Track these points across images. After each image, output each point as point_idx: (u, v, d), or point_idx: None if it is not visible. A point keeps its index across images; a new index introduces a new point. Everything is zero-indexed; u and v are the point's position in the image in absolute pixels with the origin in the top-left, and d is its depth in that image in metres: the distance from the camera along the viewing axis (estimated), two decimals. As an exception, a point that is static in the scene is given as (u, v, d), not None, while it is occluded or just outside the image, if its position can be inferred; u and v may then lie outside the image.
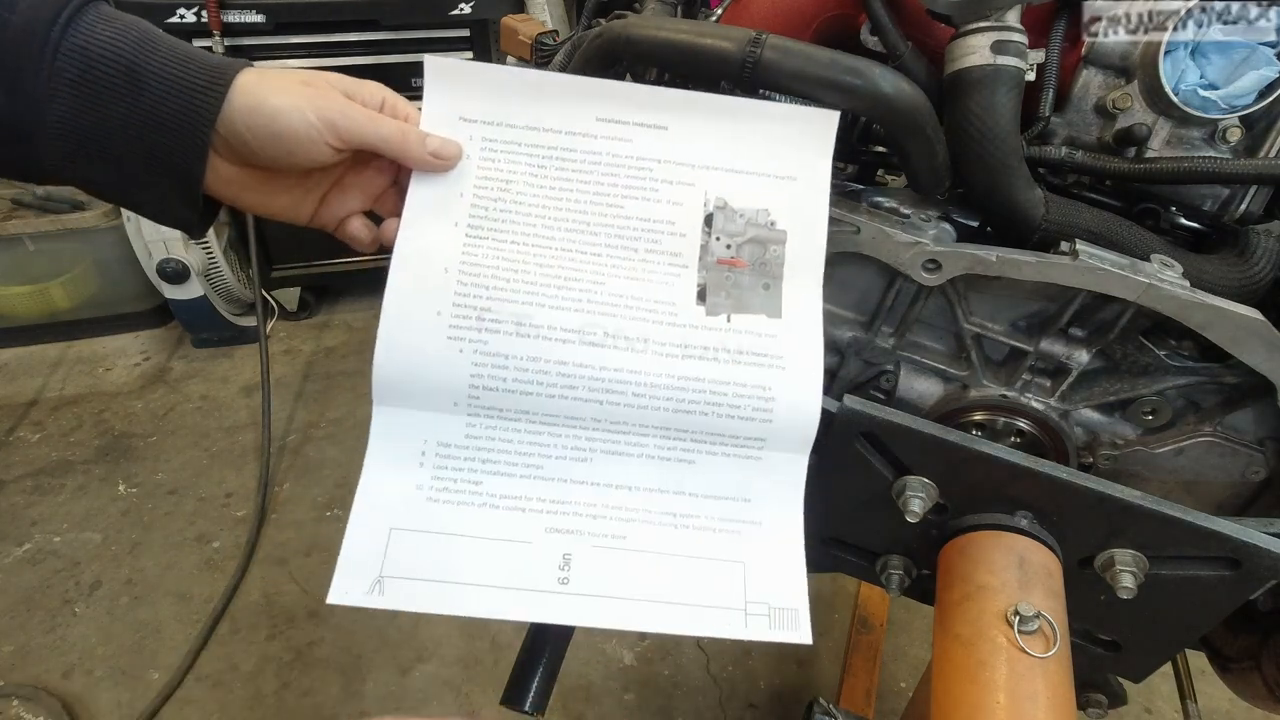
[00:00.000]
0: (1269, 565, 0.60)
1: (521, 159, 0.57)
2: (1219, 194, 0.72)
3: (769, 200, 0.58)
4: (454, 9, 2.18)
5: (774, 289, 0.57)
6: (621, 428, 0.54)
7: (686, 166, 0.58)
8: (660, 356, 0.54)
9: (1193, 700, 0.88)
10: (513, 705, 0.61)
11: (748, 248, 0.57)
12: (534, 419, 0.54)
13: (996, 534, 0.67)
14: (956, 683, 0.59)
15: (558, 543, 0.53)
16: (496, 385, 0.53)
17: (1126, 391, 0.74)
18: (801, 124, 0.60)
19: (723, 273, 0.56)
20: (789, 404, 0.56)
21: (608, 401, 0.53)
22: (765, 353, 0.55)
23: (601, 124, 0.58)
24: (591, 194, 0.57)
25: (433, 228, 0.55)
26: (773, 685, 1.69)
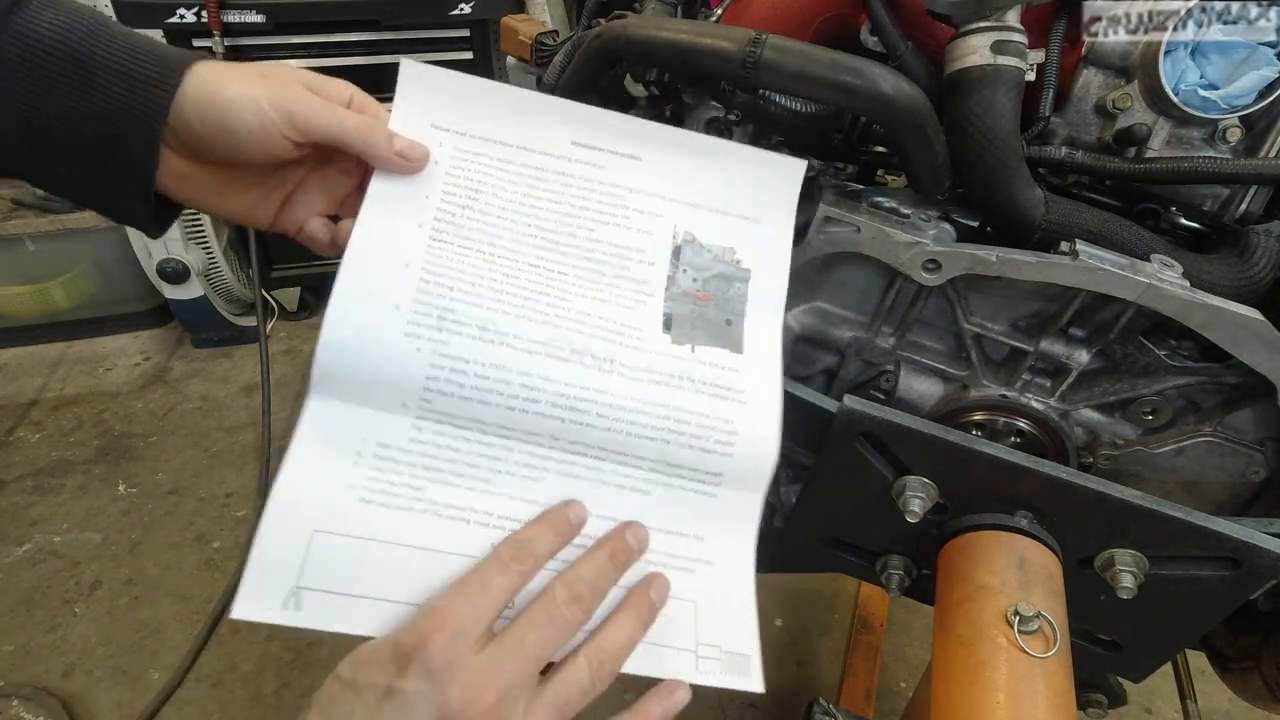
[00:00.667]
0: (1269, 565, 0.60)
1: (492, 171, 0.56)
2: (1219, 194, 0.72)
3: (734, 239, 0.58)
4: (454, 9, 2.18)
5: (736, 325, 0.56)
6: (579, 449, 0.52)
7: (657, 198, 0.58)
8: (627, 379, 0.52)
9: (1193, 700, 0.88)
10: None
11: (713, 283, 0.57)
12: (487, 429, 0.51)
13: (996, 534, 0.67)
14: (956, 683, 0.59)
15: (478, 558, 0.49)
16: (453, 390, 0.50)
17: (1126, 391, 0.74)
18: (770, 169, 0.60)
19: (689, 304, 0.56)
20: (749, 439, 0.53)
21: (570, 420, 0.51)
22: (728, 386, 0.54)
23: (576, 148, 0.57)
24: (562, 214, 0.56)
25: (395, 224, 0.53)
26: (773, 685, 1.69)
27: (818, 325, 0.82)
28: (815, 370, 0.85)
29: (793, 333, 0.82)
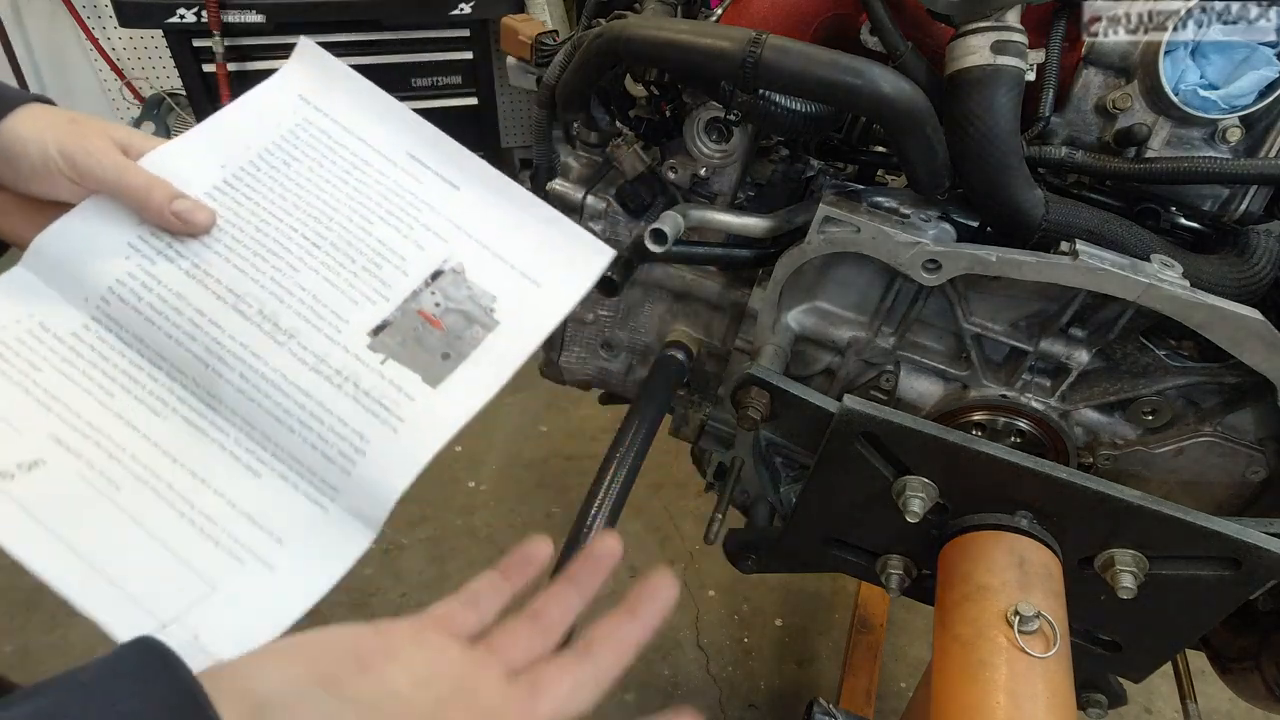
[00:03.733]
0: (1269, 565, 0.60)
1: (320, 148, 0.58)
2: (1219, 194, 0.72)
3: (503, 290, 0.57)
4: (454, 9, 2.18)
5: (450, 363, 0.53)
6: (214, 403, 0.50)
7: (451, 225, 0.58)
8: (293, 358, 0.51)
9: (1193, 700, 0.88)
10: None
11: (454, 315, 0.55)
12: (145, 352, 0.51)
13: (996, 534, 0.67)
14: (956, 683, 0.59)
15: (44, 448, 0.47)
16: (131, 301, 0.51)
17: (1126, 391, 0.74)
18: (580, 248, 0.59)
19: (415, 322, 0.54)
20: (379, 466, 0.49)
21: (213, 369, 0.50)
22: (390, 409, 0.50)
23: (409, 159, 0.59)
24: (357, 202, 0.57)
25: (202, 157, 0.56)
26: (773, 685, 1.69)
27: (818, 325, 0.82)
28: (815, 370, 0.85)
29: (793, 333, 0.82)
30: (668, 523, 2.04)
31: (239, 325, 0.51)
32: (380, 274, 0.55)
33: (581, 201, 0.83)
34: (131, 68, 2.52)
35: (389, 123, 0.60)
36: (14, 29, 2.36)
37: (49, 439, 0.47)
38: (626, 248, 0.79)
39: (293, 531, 0.48)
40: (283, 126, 0.58)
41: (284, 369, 0.50)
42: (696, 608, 1.83)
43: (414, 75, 2.30)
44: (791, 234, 0.79)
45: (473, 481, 2.12)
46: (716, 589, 1.87)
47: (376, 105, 0.60)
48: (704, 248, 0.81)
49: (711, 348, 0.89)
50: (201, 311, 0.51)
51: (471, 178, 0.60)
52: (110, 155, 0.52)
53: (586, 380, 0.99)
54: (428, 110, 2.70)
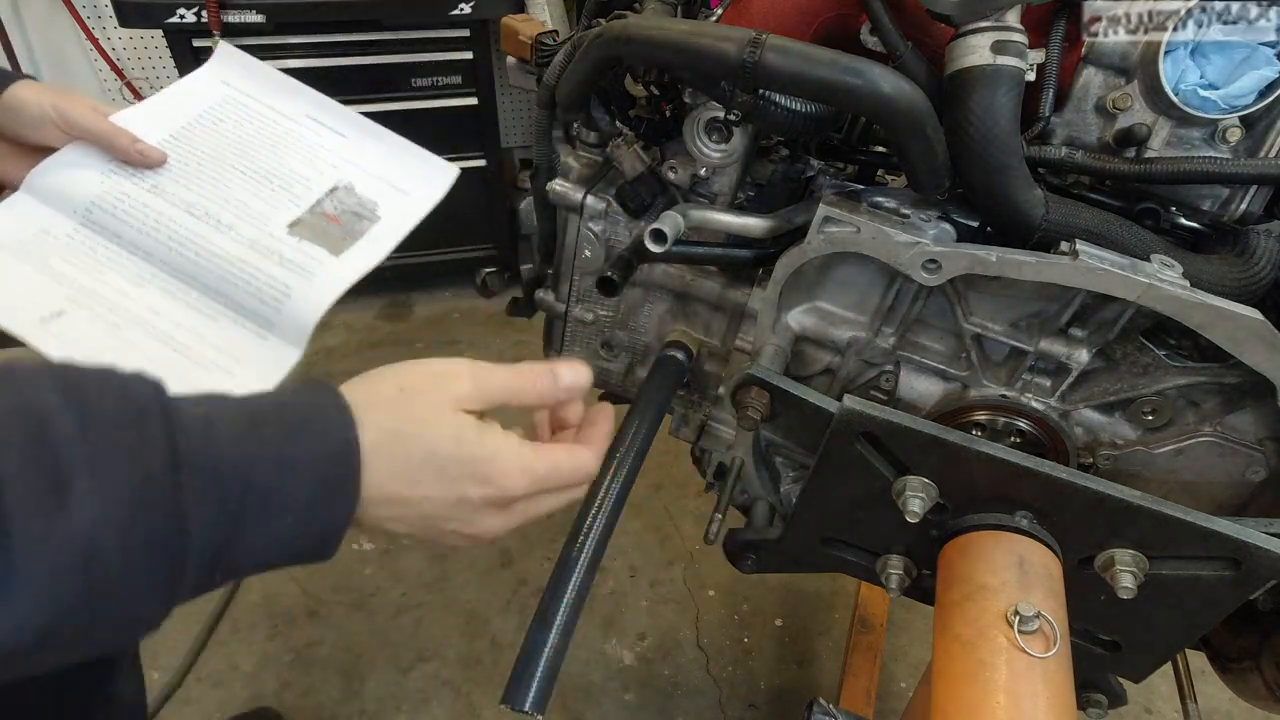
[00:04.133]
0: (1269, 565, 0.60)
1: (242, 112, 0.81)
2: (1219, 194, 0.72)
3: (381, 199, 0.80)
4: (454, 9, 2.18)
5: (348, 241, 0.75)
6: (181, 276, 0.70)
7: (343, 159, 0.81)
8: (233, 241, 0.72)
9: (1193, 700, 0.88)
10: (512, 705, 0.61)
11: (348, 216, 0.77)
12: (123, 245, 0.71)
13: (996, 534, 0.67)
14: (956, 683, 0.59)
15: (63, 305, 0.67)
16: (111, 210, 0.71)
17: (1126, 391, 0.74)
18: (435, 168, 0.83)
19: (320, 219, 0.76)
20: (299, 306, 0.70)
21: (176, 251, 0.70)
22: (305, 267, 0.72)
23: (306, 118, 0.83)
24: (270, 146, 0.79)
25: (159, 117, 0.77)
26: (773, 685, 1.69)
27: (818, 325, 0.82)
28: (815, 370, 0.86)
29: (793, 332, 0.82)
30: (668, 523, 2.04)
31: (190, 222, 0.72)
32: (292, 190, 0.77)
33: (581, 201, 0.83)
34: (131, 68, 2.51)
35: (292, 96, 0.83)
36: (14, 29, 2.36)
37: (65, 300, 0.67)
38: (626, 248, 0.79)
39: (245, 353, 0.69)
40: (211, 100, 0.81)
41: (227, 248, 0.71)
42: (696, 608, 1.83)
43: (414, 75, 2.30)
44: (791, 234, 0.79)
45: (473, 481, 2.12)
46: (716, 589, 1.87)
47: (282, 85, 0.84)
48: (704, 248, 0.81)
49: (711, 348, 0.89)
50: (161, 214, 0.72)
51: (355, 128, 0.83)
52: (90, 111, 0.71)
53: (586, 380, 0.99)
54: (428, 110, 2.69)
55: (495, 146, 2.54)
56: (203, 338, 0.68)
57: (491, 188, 2.60)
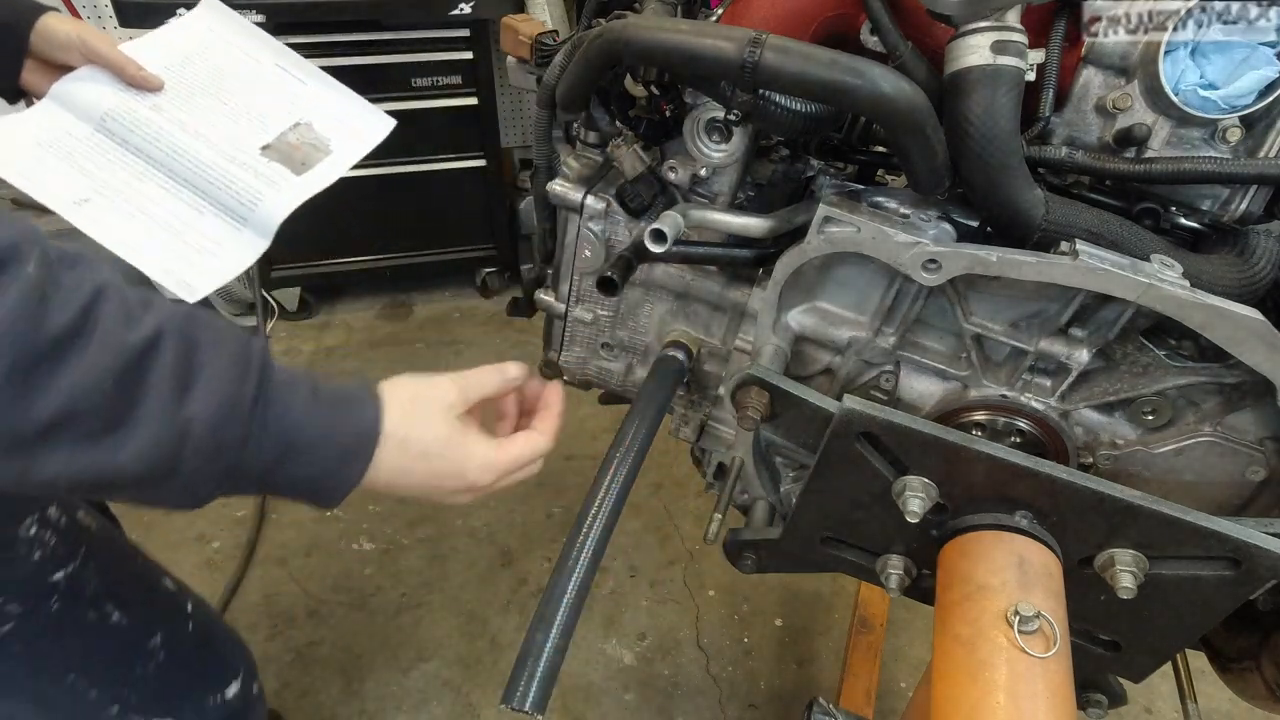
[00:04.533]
0: (1269, 565, 0.60)
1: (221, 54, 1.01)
2: (1219, 194, 0.72)
3: (334, 137, 1.01)
4: (454, 9, 2.18)
5: (305, 167, 0.96)
6: (175, 177, 0.89)
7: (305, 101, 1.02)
8: (217, 154, 0.91)
9: (1193, 700, 0.88)
10: (512, 705, 0.61)
11: (307, 147, 0.98)
12: (128, 149, 0.90)
13: (996, 534, 0.67)
14: (956, 683, 0.59)
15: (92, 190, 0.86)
16: (122, 120, 0.90)
17: (1126, 391, 0.74)
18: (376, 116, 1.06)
19: (285, 146, 0.97)
20: (268, 207, 0.90)
21: (172, 157, 0.90)
22: (273, 180, 0.92)
23: (275, 67, 1.03)
24: (247, 85, 1.00)
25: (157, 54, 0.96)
26: (773, 685, 1.69)
27: (818, 325, 0.82)
28: (815, 370, 0.86)
29: (793, 332, 0.82)
30: (668, 523, 2.04)
31: (184, 136, 0.91)
32: (264, 121, 0.98)
33: (581, 201, 0.83)
34: (131, 68, 2.52)
35: (264, 45, 1.05)
36: (14, 29, 2.36)
37: (90, 190, 0.85)
38: (626, 248, 0.79)
39: (225, 239, 0.89)
40: (199, 41, 1.01)
41: (213, 159, 0.91)
42: (696, 608, 1.83)
43: (414, 75, 2.30)
44: (791, 234, 0.79)
45: (473, 481, 2.12)
46: (716, 589, 1.87)
47: (256, 35, 1.05)
48: (704, 248, 0.81)
49: (711, 348, 0.89)
50: (161, 128, 0.91)
51: (315, 78, 1.05)
52: (106, 41, 0.90)
53: (586, 380, 0.99)
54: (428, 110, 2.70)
55: (495, 146, 2.54)
56: (193, 226, 0.88)
57: (491, 188, 2.61)
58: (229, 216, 0.90)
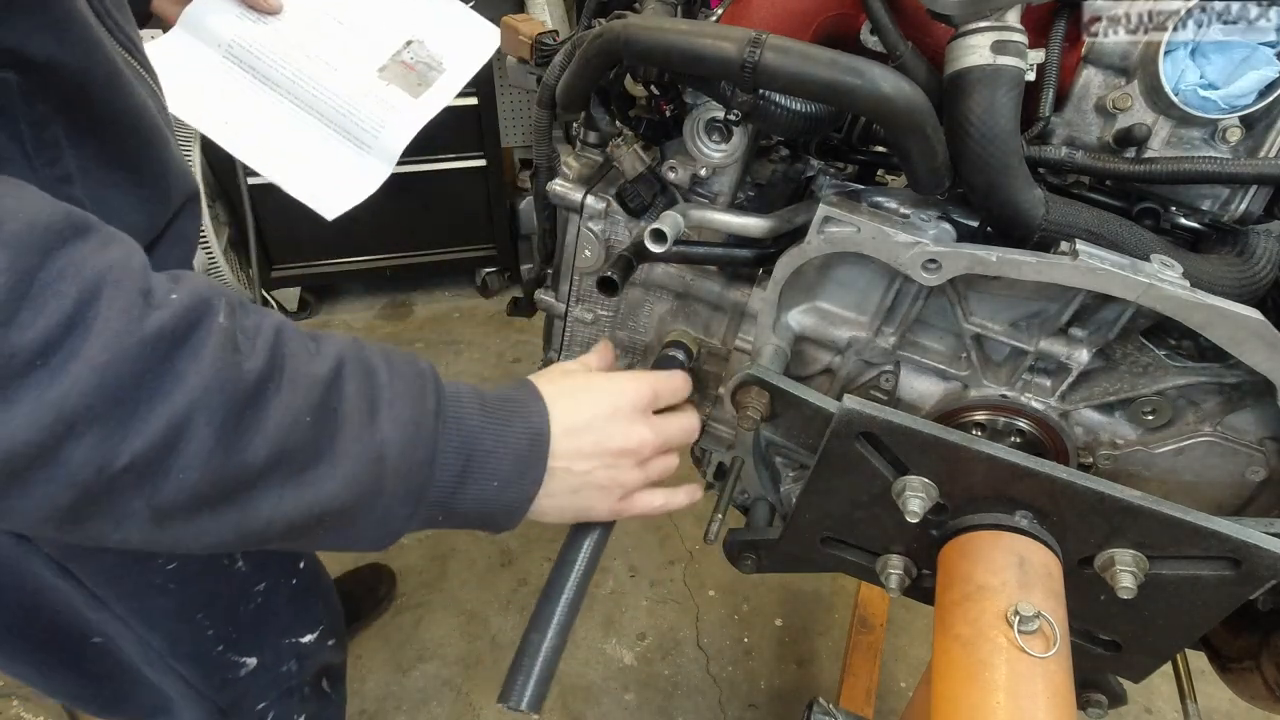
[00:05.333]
0: (1269, 565, 0.60)
1: None
2: (1219, 194, 0.72)
3: (446, 57, 1.07)
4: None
5: (420, 90, 1.03)
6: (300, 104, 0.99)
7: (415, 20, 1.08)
8: (338, 79, 0.99)
9: (1193, 700, 0.88)
10: (508, 704, 0.61)
11: (421, 66, 1.05)
12: (255, 76, 0.97)
13: (996, 534, 0.67)
14: (956, 683, 0.59)
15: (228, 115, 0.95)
16: (250, 46, 0.97)
17: (1126, 391, 0.74)
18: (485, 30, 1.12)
19: (401, 69, 1.04)
20: (390, 134, 0.99)
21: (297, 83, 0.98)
22: (392, 105, 1.01)
23: None
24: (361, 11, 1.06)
25: None
26: (773, 685, 1.69)
27: (818, 325, 0.82)
28: (815, 370, 0.86)
29: (793, 332, 0.82)
30: (668, 522, 2.04)
31: (306, 61, 0.99)
32: (378, 42, 1.04)
33: (581, 201, 0.83)
34: (131, 68, 2.51)
35: None
36: (14, 29, 2.36)
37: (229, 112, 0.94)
38: (626, 248, 0.79)
39: (352, 163, 0.99)
40: None
41: (335, 85, 0.99)
42: (696, 608, 1.83)
43: (414, 75, 2.30)
44: (791, 234, 0.79)
45: (473, 481, 2.12)
46: (716, 589, 1.87)
47: None
48: (704, 248, 0.81)
49: (711, 348, 0.89)
50: (285, 54, 0.97)
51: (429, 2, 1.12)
52: None
53: (586, 380, 0.99)
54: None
55: (495, 146, 2.54)
56: (322, 151, 0.98)
57: (491, 188, 2.61)
58: (353, 143, 0.99)
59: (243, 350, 0.45)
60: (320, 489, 0.48)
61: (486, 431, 0.57)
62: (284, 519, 0.47)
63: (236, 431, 0.44)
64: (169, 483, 0.42)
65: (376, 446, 0.50)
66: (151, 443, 0.41)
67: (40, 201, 0.40)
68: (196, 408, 0.42)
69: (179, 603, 0.87)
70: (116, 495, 0.41)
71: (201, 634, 0.92)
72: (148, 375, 0.41)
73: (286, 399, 0.46)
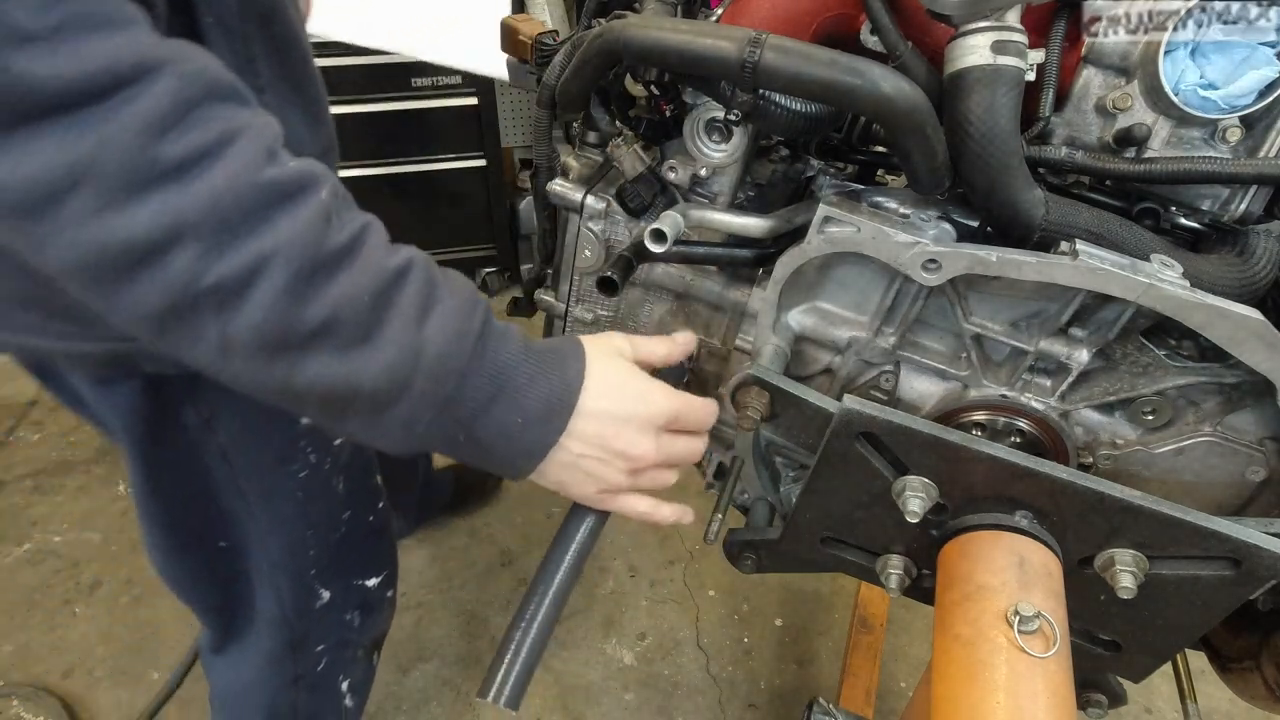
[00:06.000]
0: (1269, 565, 0.60)
1: None
2: (1219, 194, 0.72)
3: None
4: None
5: None
6: None
7: None
8: None
9: (1193, 700, 0.88)
10: (487, 699, 0.61)
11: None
12: None
13: (996, 534, 0.67)
14: (956, 683, 0.59)
15: None
16: None
17: (1126, 391, 0.74)
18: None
19: None
20: None
21: None
22: None
23: None
24: None
25: None
26: (773, 685, 1.69)
27: (818, 325, 0.82)
28: (815, 370, 0.85)
29: (793, 332, 0.82)
30: (668, 523, 2.04)
31: None
32: None
33: (581, 201, 0.83)
34: (131, 68, 2.51)
35: None
36: (14, 29, 2.36)
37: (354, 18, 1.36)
38: (626, 248, 0.79)
39: None
40: None
41: None
42: (696, 608, 1.83)
43: (414, 75, 2.30)
44: (791, 234, 0.79)
45: (473, 481, 2.12)
46: (716, 589, 1.87)
47: None
48: (704, 248, 0.81)
49: (711, 348, 0.89)
50: None
51: None
52: None
53: (586, 380, 0.99)
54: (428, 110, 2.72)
55: (495, 146, 2.54)
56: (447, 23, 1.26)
57: (491, 188, 2.60)
58: None
59: (332, 225, 0.52)
60: (361, 367, 0.54)
61: (521, 369, 0.60)
62: (324, 386, 0.53)
63: (306, 287, 0.50)
64: (239, 317, 0.49)
65: (418, 344, 0.55)
66: (235, 272, 0.48)
67: (219, 66, 0.50)
68: (279, 254, 0.49)
69: (298, 513, 0.95)
70: (196, 315, 0.49)
71: (305, 552, 0.99)
72: (251, 215, 0.48)
73: (355, 276, 0.52)
